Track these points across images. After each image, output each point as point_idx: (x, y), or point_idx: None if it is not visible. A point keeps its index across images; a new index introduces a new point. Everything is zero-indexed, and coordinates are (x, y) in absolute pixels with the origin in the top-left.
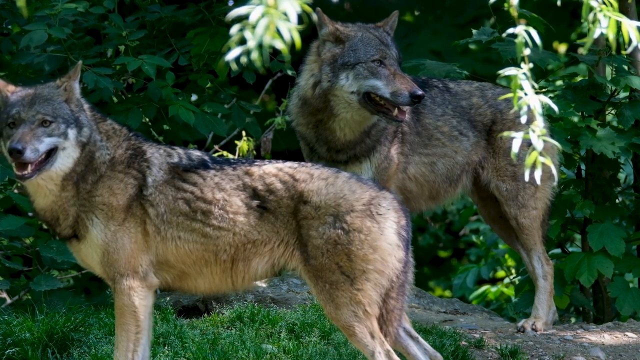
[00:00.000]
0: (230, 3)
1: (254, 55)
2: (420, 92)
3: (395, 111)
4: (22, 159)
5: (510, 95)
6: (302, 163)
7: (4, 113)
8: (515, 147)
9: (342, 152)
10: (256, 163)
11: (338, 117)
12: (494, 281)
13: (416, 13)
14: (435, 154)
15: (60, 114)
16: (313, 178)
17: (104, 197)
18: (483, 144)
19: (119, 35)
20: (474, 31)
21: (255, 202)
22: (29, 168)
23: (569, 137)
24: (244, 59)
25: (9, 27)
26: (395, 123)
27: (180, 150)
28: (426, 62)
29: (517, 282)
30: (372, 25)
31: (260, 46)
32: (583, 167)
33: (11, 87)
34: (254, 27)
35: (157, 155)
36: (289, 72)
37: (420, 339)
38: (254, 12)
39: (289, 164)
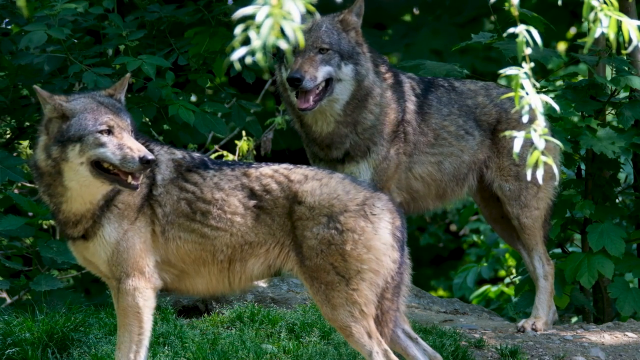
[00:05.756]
0: (230, 2)
1: (259, 55)
2: (297, 75)
3: (296, 101)
4: (150, 168)
5: (512, 94)
6: (298, 165)
7: (86, 119)
8: (517, 146)
9: (332, 148)
10: (253, 165)
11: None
12: (494, 281)
13: (416, 12)
14: (442, 154)
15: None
16: (307, 179)
17: (122, 195)
18: (488, 143)
19: (119, 35)
20: (473, 36)
21: (252, 202)
22: (140, 179)
23: (569, 136)
24: (249, 59)
25: (9, 27)
26: (301, 112)
27: (181, 149)
28: (426, 63)
29: (517, 282)
30: (332, 15)
31: (263, 46)
32: (583, 167)
33: (58, 96)
34: (258, 27)
35: (162, 153)
36: None
37: (419, 340)
38: (260, 11)
39: (284, 165)
